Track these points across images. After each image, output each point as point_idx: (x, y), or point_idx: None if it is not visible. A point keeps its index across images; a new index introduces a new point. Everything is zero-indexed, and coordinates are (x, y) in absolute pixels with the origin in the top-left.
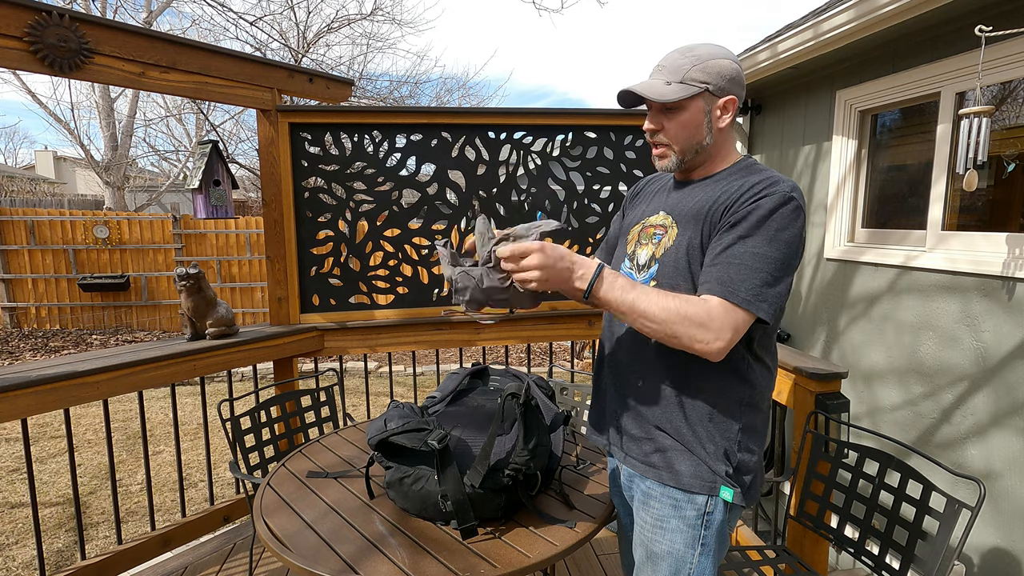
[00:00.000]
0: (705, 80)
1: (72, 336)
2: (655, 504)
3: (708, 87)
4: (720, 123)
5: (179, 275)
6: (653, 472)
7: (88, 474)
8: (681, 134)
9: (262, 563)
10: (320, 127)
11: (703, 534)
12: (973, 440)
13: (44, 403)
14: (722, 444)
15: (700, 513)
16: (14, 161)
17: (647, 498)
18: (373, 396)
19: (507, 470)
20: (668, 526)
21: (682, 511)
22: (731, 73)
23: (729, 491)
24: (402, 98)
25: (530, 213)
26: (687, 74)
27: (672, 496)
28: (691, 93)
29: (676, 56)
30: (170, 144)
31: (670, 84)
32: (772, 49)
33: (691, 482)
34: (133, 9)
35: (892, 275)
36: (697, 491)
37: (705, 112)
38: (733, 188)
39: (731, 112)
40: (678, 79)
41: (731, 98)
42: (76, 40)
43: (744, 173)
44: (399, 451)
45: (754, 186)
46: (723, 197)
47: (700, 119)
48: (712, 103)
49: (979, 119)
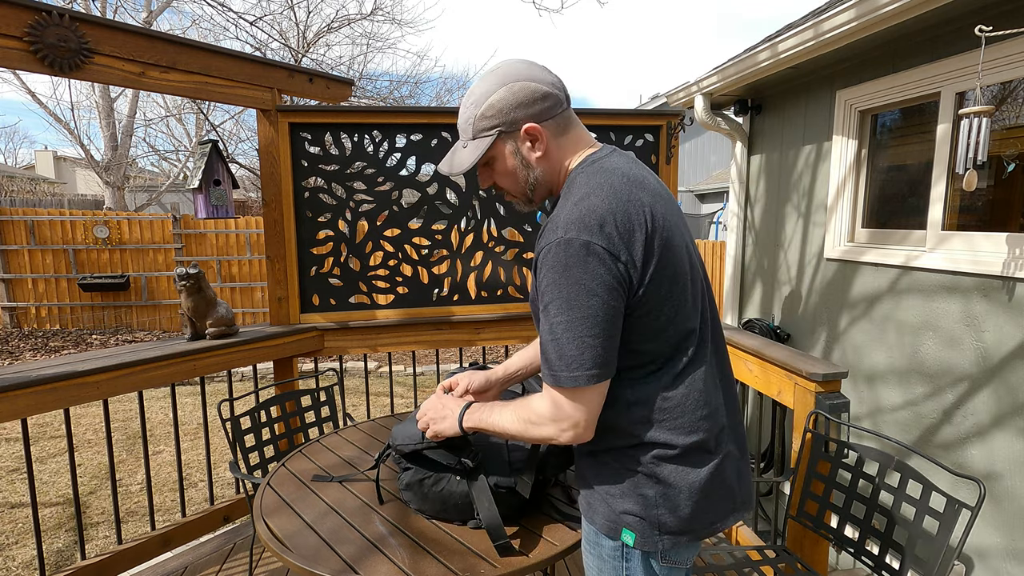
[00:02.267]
0: (493, 124)
1: (72, 336)
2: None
3: (500, 128)
4: (535, 153)
5: (179, 275)
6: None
7: (88, 474)
8: (507, 182)
9: (262, 563)
10: (320, 127)
11: (624, 565)
12: (974, 441)
13: (44, 403)
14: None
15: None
16: (14, 161)
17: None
18: (373, 396)
19: (551, 469)
20: (595, 551)
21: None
22: (516, 99)
23: (631, 535)
24: (402, 98)
25: (530, 213)
26: (475, 126)
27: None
28: (485, 147)
29: (462, 110)
30: (170, 144)
31: (466, 146)
32: (772, 49)
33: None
34: (133, 9)
35: (892, 275)
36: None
37: (513, 153)
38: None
39: (540, 138)
40: (470, 136)
41: (530, 127)
42: (76, 40)
43: (558, 206)
44: (419, 457)
45: (542, 234)
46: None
47: (513, 162)
48: (515, 139)
49: (979, 119)
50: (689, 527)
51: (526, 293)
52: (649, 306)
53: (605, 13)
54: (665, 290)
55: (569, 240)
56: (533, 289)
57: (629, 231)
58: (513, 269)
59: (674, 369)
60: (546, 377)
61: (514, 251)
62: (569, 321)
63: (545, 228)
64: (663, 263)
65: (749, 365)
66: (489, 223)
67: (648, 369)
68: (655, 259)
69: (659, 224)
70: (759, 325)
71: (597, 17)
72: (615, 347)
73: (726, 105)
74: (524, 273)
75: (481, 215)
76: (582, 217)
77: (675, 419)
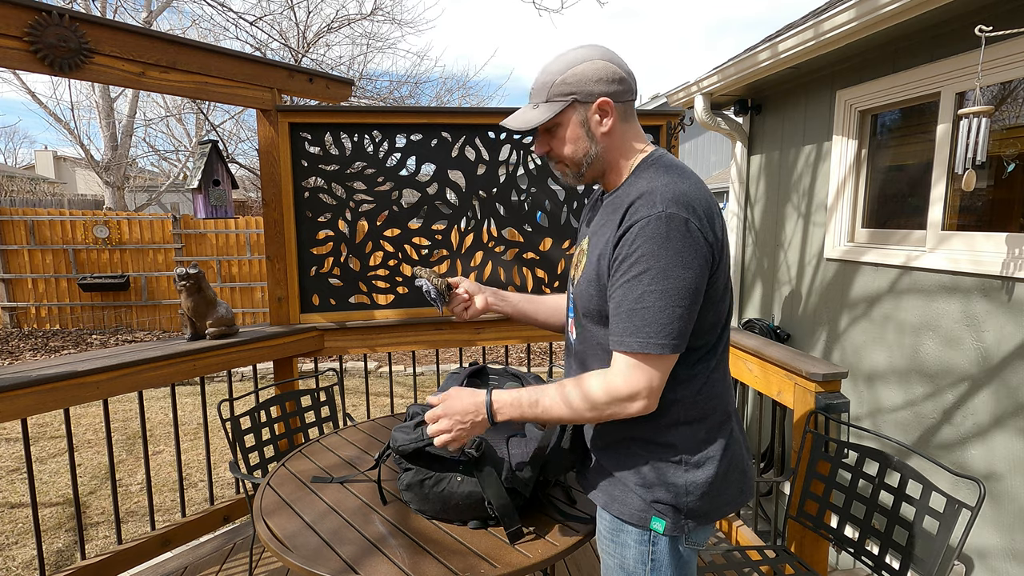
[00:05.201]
0: (571, 91)
1: (72, 336)
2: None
3: (575, 97)
4: (602, 128)
5: (179, 275)
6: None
7: (88, 474)
8: (565, 150)
9: (262, 563)
10: (320, 127)
11: (651, 550)
12: (974, 441)
13: (44, 403)
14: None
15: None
16: (14, 161)
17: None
18: (373, 396)
19: (554, 471)
20: (618, 539)
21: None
22: (597, 75)
23: (661, 522)
24: (402, 98)
25: (530, 213)
26: (551, 90)
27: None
28: (558, 110)
29: (541, 75)
30: (170, 144)
31: (537, 107)
32: (772, 49)
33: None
34: (133, 9)
35: (893, 275)
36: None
37: (581, 123)
38: (623, 206)
39: (610, 114)
40: (543, 99)
41: (604, 100)
42: (76, 40)
43: (637, 180)
44: (421, 456)
45: (633, 208)
46: (615, 218)
47: (579, 131)
48: (586, 111)
49: (978, 119)
50: (712, 508)
51: (526, 293)
52: (716, 290)
53: (605, 13)
54: (725, 277)
55: (671, 215)
56: (594, 266)
57: (710, 218)
58: (513, 269)
59: (715, 355)
60: (624, 344)
61: (514, 251)
62: (663, 290)
63: (635, 206)
64: (726, 253)
65: (749, 365)
66: (489, 223)
67: (699, 353)
68: (723, 248)
69: (721, 218)
70: (759, 325)
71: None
72: (692, 323)
73: (726, 105)
74: (524, 273)
75: (481, 215)
76: (677, 197)
77: (709, 402)
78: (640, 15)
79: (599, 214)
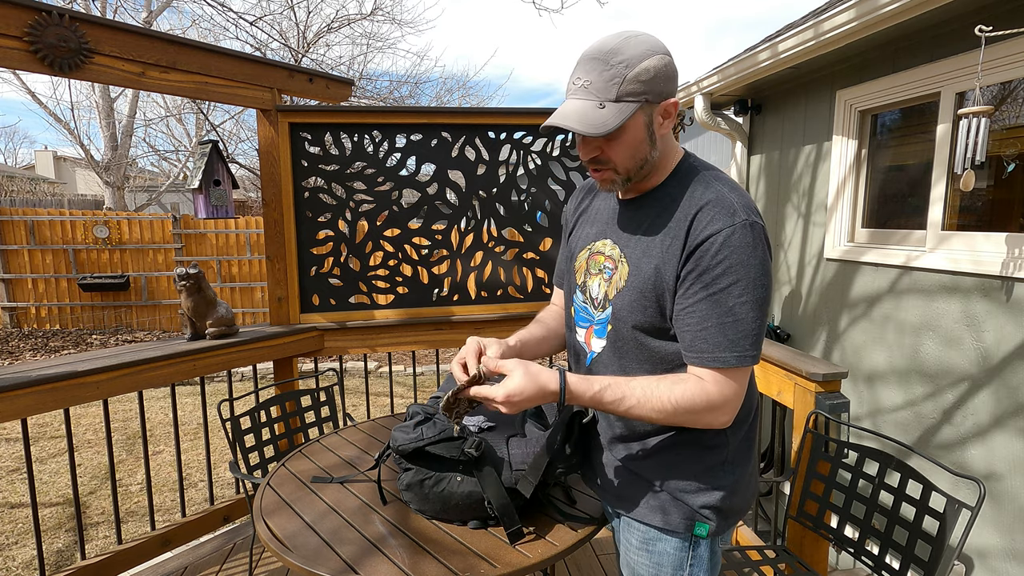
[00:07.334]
0: (643, 91)
1: (72, 336)
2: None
3: (647, 97)
4: (663, 130)
5: (179, 275)
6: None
7: (88, 474)
8: (624, 155)
9: (262, 563)
10: (320, 127)
11: (691, 555)
12: (974, 441)
13: (44, 403)
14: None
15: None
16: (14, 161)
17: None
18: (373, 396)
19: (556, 473)
20: (655, 548)
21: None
22: (666, 72)
23: (705, 526)
24: (402, 98)
25: (530, 213)
26: (621, 89)
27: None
28: (629, 113)
29: (600, 67)
30: (170, 144)
31: (604, 106)
32: (772, 49)
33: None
34: (133, 9)
35: (893, 275)
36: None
37: (647, 125)
38: (683, 214)
39: (673, 115)
40: (611, 97)
41: (672, 101)
42: (76, 40)
43: (687, 185)
44: (421, 455)
45: (703, 217)
46: (674, 226)
47: (642, 135)
48: (652, 112)
49: (978, 119)
50: (745, 503)
51: (526, 293)
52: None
53: (605, 13)
54: None
55: (753, 223)
56: (649, 277)
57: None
58: (513, 269)
59: None
60: (718, 360)
61: (514, 251)
62: (755, 301)
63: (705, 214)
64: None
65: None
66: (489, 223)
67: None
68: None
69: None
70: None
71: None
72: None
73: (726, 105)
74: (524, 273)
75: (481, 215)
76: (750, 205)
77: (751, 400)
78: (640, 15)
79: (630, 212)
